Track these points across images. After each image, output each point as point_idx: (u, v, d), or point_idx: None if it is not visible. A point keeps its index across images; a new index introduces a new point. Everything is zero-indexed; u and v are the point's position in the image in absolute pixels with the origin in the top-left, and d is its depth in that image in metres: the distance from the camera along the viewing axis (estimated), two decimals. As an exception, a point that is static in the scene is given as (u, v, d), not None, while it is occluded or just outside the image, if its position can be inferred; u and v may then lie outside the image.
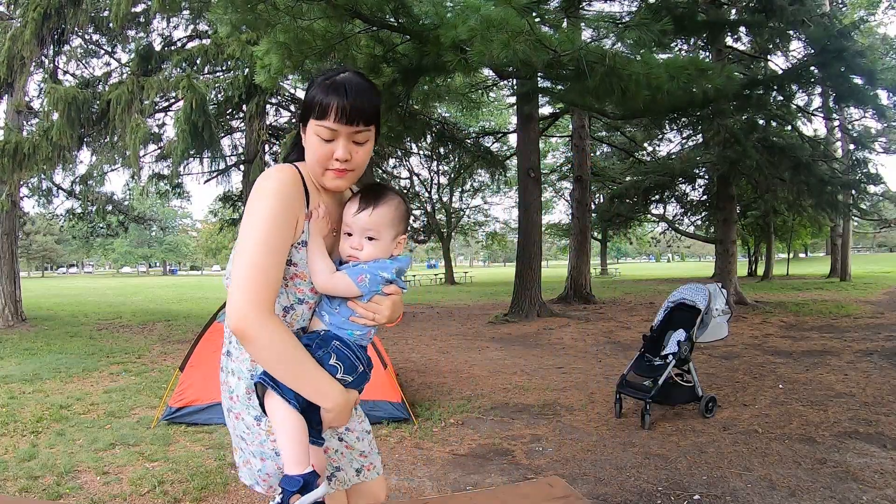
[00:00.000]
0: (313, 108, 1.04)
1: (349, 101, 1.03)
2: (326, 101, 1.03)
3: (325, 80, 1.07)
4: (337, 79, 1.06)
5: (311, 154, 1.07)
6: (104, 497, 2.77)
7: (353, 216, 1.10)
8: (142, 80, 8.73)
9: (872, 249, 59.06)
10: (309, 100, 1.06)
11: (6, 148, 8.29)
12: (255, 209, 1.00)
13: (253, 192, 1.02)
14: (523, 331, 8.99)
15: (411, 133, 10.55)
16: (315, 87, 1.07)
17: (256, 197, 1.01)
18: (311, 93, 1.07)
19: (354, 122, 1.04)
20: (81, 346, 7.85)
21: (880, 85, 8.74)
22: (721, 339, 4.47)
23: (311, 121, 1.05)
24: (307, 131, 1.07)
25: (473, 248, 64.05)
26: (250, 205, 1.01)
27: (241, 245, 1.00)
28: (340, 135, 1.05)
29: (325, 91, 1.04)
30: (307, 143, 1.08)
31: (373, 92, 1.09)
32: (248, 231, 0.99)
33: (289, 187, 1.03)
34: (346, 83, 1.05)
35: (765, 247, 23.77)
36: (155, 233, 53.54)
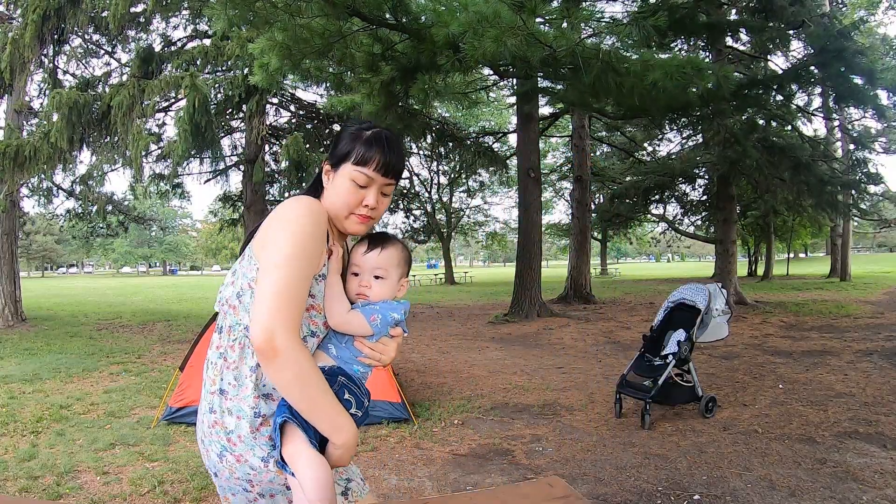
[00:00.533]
0: (353, 155, 1.08)
1: (391, 156, 1.10)
2: (370, 151, 1.08)
3: (365, 131, 1.12)
4: (380, 133, 1.12)
5: (339, 196, 1.09)
6: (104, 497, 2.77)
7: (363, 255, 1.15)
8: (143, 83, 8.73)
9: (872, 249, 59.06)
10: (348, 146, 1.10)
11: (6, 151, 8.29)
12: (288, 233, 0.99)
13: (284, 216, 1.01)
14: (523, 331, 8.99)
15: (411, 132, 10.54)
16: (353, 135, 1.11)
17: (291, 220, 1.00)
18: (348, 140, 1.11)
19: (390, 175, 1.11)
20: (81, 346, 7.85)
21: (880, 85, 8.74)
22: (721, 339, 4.47)
23: (349, 165, 1.08)
24: (338, 173, 1.10)
25: (473, 248, 64.07)
26: (282, 227, 1.00)
27: (270, 265, 0.97)
28: (375, 183, 1.10)
29: (368, 142, 1.09)
30: (336, 184, 1.10)
31: (404, 151, 1.17)
32: (280, 253, 0.97)
33: (320, 219, 1.03)
34: (388, 139, 1.12)
35: (765, 247, 23.78)
36: (155, 233, 53.56)
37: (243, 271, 1.06)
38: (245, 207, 11.77)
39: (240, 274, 1.06)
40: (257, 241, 1.05)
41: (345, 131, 1.15)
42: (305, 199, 1.05)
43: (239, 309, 1.05)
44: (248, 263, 1.05)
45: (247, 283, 1.04)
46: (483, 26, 4.25)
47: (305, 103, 12.73)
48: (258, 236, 1.05)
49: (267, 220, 1.05)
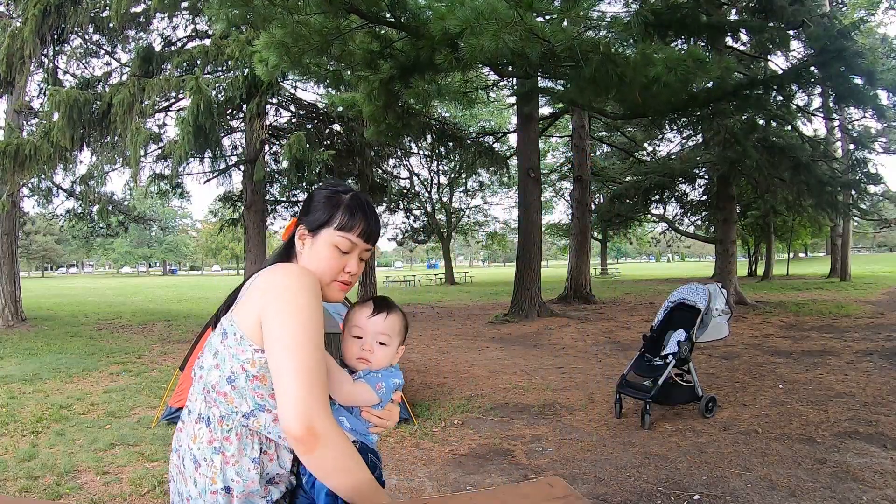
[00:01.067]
0: (334, 221, 1.05)
1: (372, 221, 1.08)
2: (353, 218, 1.05)
3: (342, 194, 1.08)
4: (360, 198, 1.09)
5: (321, 262, 1.04)
6: (104, 497, 2.77)
7: (368, 319, 1.11)
8: (143, 82, 8.73)
9: (872, 249, 59.05)
10: (328, 212, 1.05)
11: (7, 150, 8.29)
12: (294, 310, 0.92)
13: (281, 292, 0.94)
14: (523, 331, 8.99)
15: (409, 130, 10.54)
16: (330, 200, 1.07)
17: (291, 297, 0.93)
18: (326, 205, 1.06)
19: (371, 240, 1.08)
20: (81, 346, 7.84)
21: (880, 85, 8.73)
22: (721, 339, 4.47)
23: (331, 231, 1.04)
24: (318, 239, 1.05)
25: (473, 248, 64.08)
26: (284, 305, 0.92)
27: (284, 350, 0.90)
28: (356, 249, 1.07)
29: (350, 208, 1.06)
30: (317, 250, 1.05)
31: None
32: (292, 335, 0.91)
33: (316, 289, 0.98)
34: (368, 204, 1.09)
35: (765, 247, 23.78)
36: (155, 233, 53.57)
37: (231, 352, 0.95)
38: (245, 207, 11.77)
39: (226, 355, 0.95)
40: (244, 318, 0.95)
41: (318, 194, 1.10)
42: (296, 268, 1.00)
43: (232, 395, 0.95)
44: (238, 344, 0.95)
45: (239, 365, 0.94)
46: (480, 22, 4.25)
47: (306, 103, 12.73)
48: (243, 312, 0.96)
49: (254, 294, 0.96)
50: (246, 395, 0.95)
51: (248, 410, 0.95)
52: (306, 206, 1.10)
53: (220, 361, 0.96)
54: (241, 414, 0.95)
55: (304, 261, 1.06)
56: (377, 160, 15.43)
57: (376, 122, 7.58)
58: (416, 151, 18.45)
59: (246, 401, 0.95)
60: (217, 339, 0.99)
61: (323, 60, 6.04)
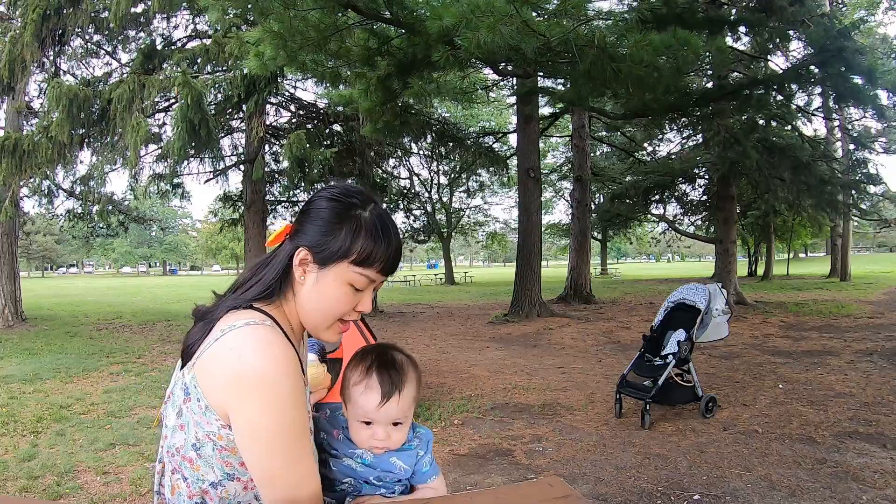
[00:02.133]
0: (353, 252, 0.84)
1: (397, 250, 0.88)
2: (378, 248, 0.85)
3: (358, 209, 0.86)
4: (384, 219, 0.87)
5: (328, 302, 0.86)
6: (104, 497, 2.77)
7: (378, 409, 0.92)
8: (143, 79, 8.73)
9: (872, 249, 59.04)
10: (345, 240, 0.84)
11: (6, 144, 8.28)
12: (262, 402, 0.77)
13: (244, 374, 0.76)
14: (523, 331, 8.99)
15: (408, 129, 10.54)
16: (346, 217, 0.85)
17: (258, 382, 0.76)
18: (345, 228, 0.85)
19: (393, 273, 0.89)
20: (81, 346, 7.85)
21: (880, 85, 8.74)
22: (721, 339, 4.47)
23: (347, 265, 0.84)
24: (328, 273, 0.85)
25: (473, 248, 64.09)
26: (248, 393, 0.76)
27: (255, 450, 0.78)
28: (373, 285, 0.88)
29: (374, 236, 0.84)
30: (325, 287, 0.85)
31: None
32: (262, 433, 0.77)
33: (289, 358, 0.80)
34: (392, 227, 0.88)
35: (765, 247, 23.79)
36: (155, 233, 53.60)
37: (195, 419, 0.81)
38: (245, 207, 11.77)
39: (190, 420, 0.81)
40: (209, 388, 0.80)
41: (328, 207, 0.87)
42: (262, 335, 0.80)
43: (199, 463, 0.82)
44: (202, 413, 0.80)
45: (204, 434, 0.81)
46: (476, 16, 4.25)
47: (305, 103, 12.73)
48: (208, 380, 0.80)
49: (219, 368, 0.79)
50: (213, 464, 0.82)
51: (216, 480, 0.83)
52: (310, 218, 0.88)
53: (184, 423, 0.82)
54: (208, 483, 0.83)
55: (304, 297, 0.87)
56: (377, 160, 15.41)
57: (374, 120, 7.58)
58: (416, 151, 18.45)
59: (213, 470, 0.82)
60: (180, 395, 0.84)
61: (320, 57, 6.03)
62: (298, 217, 0.91)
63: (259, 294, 0.88)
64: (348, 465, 0.96)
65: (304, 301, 0.87)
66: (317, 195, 0.91)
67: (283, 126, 12.86)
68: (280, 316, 0.88)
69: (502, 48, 4.49)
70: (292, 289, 0.89)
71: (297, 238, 0.88)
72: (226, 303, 0.88)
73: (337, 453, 0.97)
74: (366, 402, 0.92)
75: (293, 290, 0.89)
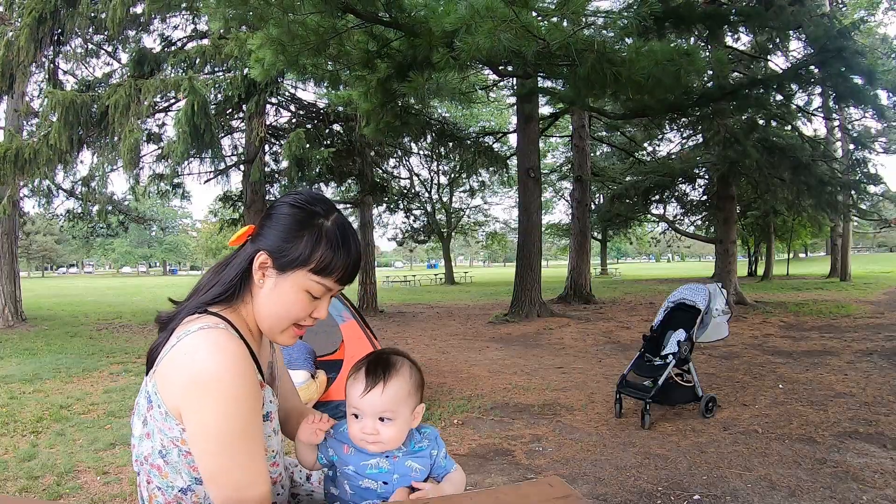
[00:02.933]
0: (312, 261, 0.86)
1: (356, 262, 0.89)
2: (337, 258, 0.86)
3: (320, 218, 0.87)
4: (344, 228, 0.89)
5: (284, 307, 0.88)
6: (104, 497, 2.77)
7: (361, 397, 0.94)
8: (139, 83, 8.72)
9: (872, 249, 59.06)
10: (305, 248, 0.86)
11: (6, 154, 8.29)
12: (215, 405, 0.77)
13: (198, 378, 0.77)
14: (523, 331, 8.99)
15: (408, 129, 10.55)
16: (309, 228, 0.86)
17: (211, 386, 0.77)
18: (305, 237, 0.86)
19: (349, 283, 0.91)
20: (81, 346, 7.85)
21: (880, 85, 8.75)
22: (721, 339, 4.47)
23: (306, 272, 0.86)
24: (286, 278, 0.86)
25: (473, 248, 64.09)
26: (202, 397, 0.77)
27: (207, 453, 0.79)
28: (330, 293, 0.90)
29: (332, 245, 0.86)
30: (282, 292, 0.87)
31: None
32: (214, 436, 0.78)
33: (243, 362, 0.80)
34: (353, 238, 0.89)
35: (765, 247, 23.79)
36: (155, 233, 53.61)
37: (158, 426, 0.82)
38: (245, 207, 11.77)
39: (154, 428, 0.83)
40: (167, 394, 0.81)
41: (290, 214, 0.88)
42: (215, 338, 0.80)
43: (166, 470, 0.84)
44: (163, 419, 0.82)
45: (169, 440, 0.82)
46: (476, 20, 4.25)
47: (305, 103, 12.74)
48: (167, 386, 0.81)
49: (175, 373, 0.80)
50: (181, 469, 0.83)
51: (185, 486, 0.83)
52: (272, 222, 0.89)
53: (149, 431, 0.84)
54: (178, 489, 0.84)
55: (261, 300, 0.88)
56: (377, 160, 15.43)
57: (374, 121, 7.59)
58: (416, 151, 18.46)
59: (181, 475, 0.83)
60: (144, 404, 0.85)
61: (320, 61, 6.04)
62: (261, 220, 0.92)
63: (217, 296, 0.89)
64: (367, 489, 0.95)
65: (261, 305, 0.89)
66: (281, 200, 0.93)
67: (283, 126, 12.87)
68: (237, 319, 0.90)
69: (502, 52, 4.50)
70: (250, 291, 0.90)
71: (258, 241, 0.89)
72: (186, 308, 0.89)
73: (352, 473, 0.95)
74: (352, 392, 0.95)
75: (251, 292, 0.90)
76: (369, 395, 0.93)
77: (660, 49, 4.65)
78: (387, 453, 0.96)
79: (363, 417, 0.94)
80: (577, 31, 4.79)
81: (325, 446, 0.99)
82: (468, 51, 4.48)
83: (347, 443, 0.97)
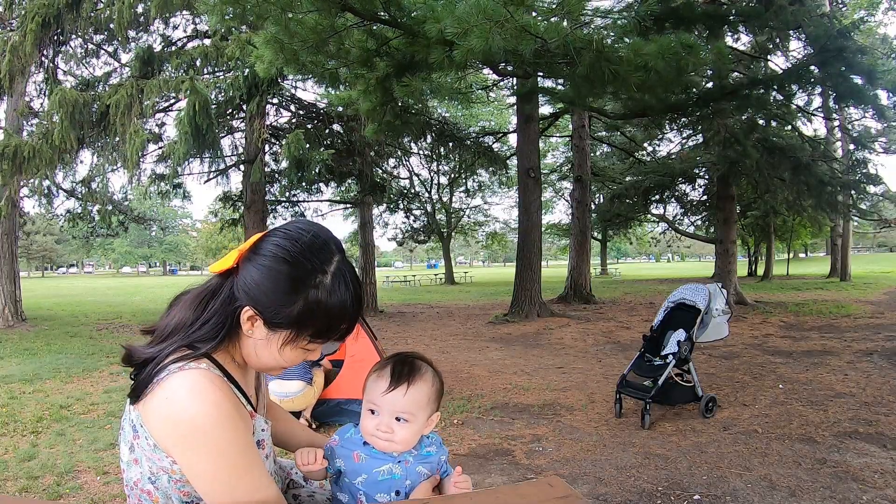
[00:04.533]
0: (308, 328, 0.81)
1: (353, 316, 0.84)
2: (333, 324, 0.82)
3: (319, 275, 0.80)
4: (347, 283, 0.81)
5: (275, 360, 0.85)
6: (104, 497, 2.77)
7: (383, 395, 0.94)
8: (141, 83, 8.73)
9: (872, 249, 59.06)
10: (303, 317, 0.80)
11: (6, 152, 8.29)
12: (205, 452, 0.77)
13: (198, 426, 0.76)
14: (523, 331, 8.99)
15: (408, 129, 10.55)
16: (306, 291, 0.79)
17: (199, 436, 0.76)
18: (301, 302, 0.79)
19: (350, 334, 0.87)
20: (81, 346, 7.85)
21: (880, 85, 8.75)
22: (721, 339, 4.47)
23: (299, 336, 0.82)
24: (277, 336, 0.82)
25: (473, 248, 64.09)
26: (191, 445, 0.77)
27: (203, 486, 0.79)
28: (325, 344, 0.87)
29: (331, 311, 0.81)
30: (273, 349, 0.83)
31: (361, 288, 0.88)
32: (211, 482, 0.78)
33: (223, 406, 0.78)
34: (353, 289, 0.82)
35: (765, 247, 23.79)
36: (155, 233, 53.58)
37: (146, 454, 0.81)
38: (245, 207, 11.77)
39: (142, 455, 0.82)
40: (155, 428, 0.79)
41: (283, 268, 0.79)
42: (195, 380, 0.78)
43: (157, 495, 0.83)
44: (152, 450, 0.80)
45: (158, 468, 0.81)
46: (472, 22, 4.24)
47: (305, 103, 12.74)
48: (154, 420, 0.79)
49: (155, 398, 0.78)
50: (171, 495, 0.82)
51: None
52: (262, 271, 0.80)
53: (137, 458, 0.82)
54: None
55: (250, 349, 0.85)
56: (377, 160, 15.43)
57: (375, 120, 7.60)
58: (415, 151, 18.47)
59: (171, 501, 0.82)
60: (129, 432, 0.83)
61: (319, 59, 6.04)
62: (249, 254, 0.83)
63: (201, 338, 0.84)
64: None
65: (249, 351, 0.86)
66: (273, 241, 0.83)
67: (284, 126, 12.87)
68: (222, 354, 0.86)
69: (498, 53, 4.50)
70: (238, 332, 0.85)
71: (244, 287, 0.81)
72: (169, 344, 0.85)
73: (365, 487, 0.94)
74: (374, 388, 0.95)
75: (239, 334, 0.85)
76: (391, 394, 0.94)
77: (661, 42, 4.64)
78: (399, 458, 0.95)
79: (380, 414, 0.94)
80: (575, 29, 4.79)
81: (333, 457, 0.98)
82: (464, 52, 4.48)
83: (358, 449, 0.96)
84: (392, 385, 0.94)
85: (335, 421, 3.93)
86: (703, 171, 16.22)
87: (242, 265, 0.83)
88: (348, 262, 0.85)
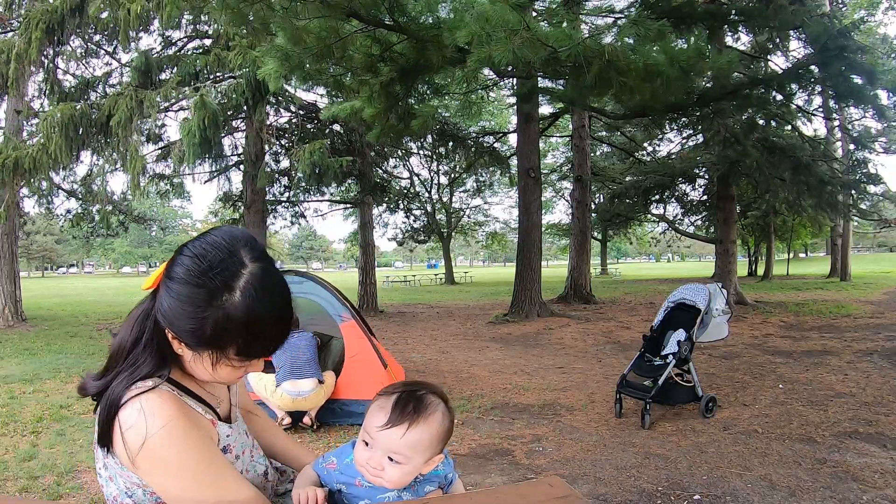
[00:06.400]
0: (232, 347, 0.78)
1: (273, 333, 0.81)
2: (252, 342, 0.79)
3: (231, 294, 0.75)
4: (255, 300, 0.76)
5: (209, 376, 0.84)
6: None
7: (378, 430, 0.85)
8: (140, 94, 8.71)
9: (872, 249, 59.03)
10: (217, 337, 0.77)
11: (6, 162, 8.29)
12: (173, 471, 0.78)
13: (162, 457, 0.77)
14: (523, 331, 8.99)
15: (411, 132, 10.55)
16: (217, 309, 0.75)
17: (164, 456, 0.77)
18: (213, 320, 0.75)
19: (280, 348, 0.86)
20: (81, 346, 7.84)
21: (880, 85, 8.74)
22: (721, 338, 4.47)
23: (228, 357, 0.80)
24: (203, 357, 0.81)
25: (473, 248, 64.10)
26: (158, 468, 0.78)
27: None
28: (260, 360, 0.86)
29: (244, 329, 0.77)
30: (203, 365, 0.82)
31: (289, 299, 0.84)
32: (180, 494, 0.79)
33: (178, 422, 0.78)
34: (268, 302, 0.78)
35: (765, 247, 23.79)
36: (155, 233, 53.59)
37: (116, 472, 0.83)
38: (245, 207, 11.77)
39: (115, 472, 0.83)
40: (121, 454, 0.79)
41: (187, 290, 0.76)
42: (150, 404, 0.78)
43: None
44: (120, 469, 0.82)
45: (132, 483, 0.82)
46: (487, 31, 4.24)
47: (305, 103, 12.73)
48: (119, 446, 0.79)
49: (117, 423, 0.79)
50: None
51: None
52: (172, 296, 0.77)
53: (112, 475, 0.83)
54: None
55: (188, 365, 0.85)
56: (377, 160, 15.43)
57: (378, 125, 7.60)
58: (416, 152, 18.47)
59: None
60: (100, 450, 0.83)
61: (323, 66, 6.04)
62: (164, 275, 0.82)
63: (144, 362, 0.85)
64: None
65: (189, 367, 0.85)
66: (180, 260, 0.79)
67: (284, 126, 12.87)
68: (176, 369, 0.87)
69: (516, 63, 4.50)
70: (183, 361, 0.85)
71: (161, 306, 0.80)
72: (115, 374, 0.87)
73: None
74: (372, 418, 0.86)
75: (184, 363, 0.85)
76: (388, 431, 0.84)
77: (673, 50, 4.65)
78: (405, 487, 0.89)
79: (374, 448, 0.85)
80: (585, 39, 4.79)
81: (333, 481, 0.92)
82: (480, 61, 4.48)
83: (360, 478, 0.89)
84: (391, 422, 0.84)
85: (335, 422, 3.93)
86: (703, 171, 16.20)
87: (161, 286, 0.82)
88: (267, 269, 0.80)
